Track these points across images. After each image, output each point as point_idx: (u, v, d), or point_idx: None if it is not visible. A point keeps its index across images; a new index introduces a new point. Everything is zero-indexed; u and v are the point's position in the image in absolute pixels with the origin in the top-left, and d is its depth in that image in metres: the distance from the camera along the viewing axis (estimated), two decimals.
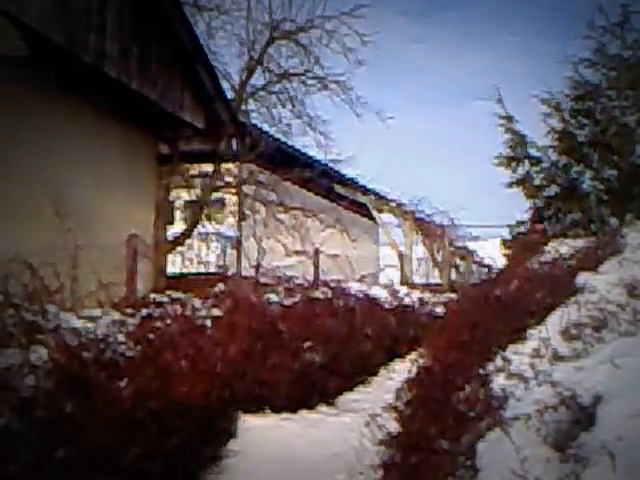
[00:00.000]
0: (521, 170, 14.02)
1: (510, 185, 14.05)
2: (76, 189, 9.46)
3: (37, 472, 4.37)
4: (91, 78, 9.60)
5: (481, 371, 4.68)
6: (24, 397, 4.52)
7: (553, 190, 13.87)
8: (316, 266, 12.83)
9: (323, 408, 7.66)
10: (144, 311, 6.62)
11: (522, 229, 13.80)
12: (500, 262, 12.07)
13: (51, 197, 8.51)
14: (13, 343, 4.86)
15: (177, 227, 15.22)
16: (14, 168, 8.60)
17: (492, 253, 14.32)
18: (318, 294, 9.29)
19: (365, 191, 19.10)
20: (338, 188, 18.66)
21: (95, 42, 9.38)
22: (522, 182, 13.98)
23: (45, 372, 4.72)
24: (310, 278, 11.27)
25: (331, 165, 17.68)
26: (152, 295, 7.78)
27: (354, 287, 10.46)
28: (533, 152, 14.03)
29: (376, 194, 19.22)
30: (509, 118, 14.09)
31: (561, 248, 7.97)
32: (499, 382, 4.53)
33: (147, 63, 10.48)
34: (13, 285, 5.57)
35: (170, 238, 13.54)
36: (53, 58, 8.87)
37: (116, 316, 6.09)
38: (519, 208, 14.23)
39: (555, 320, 5.17)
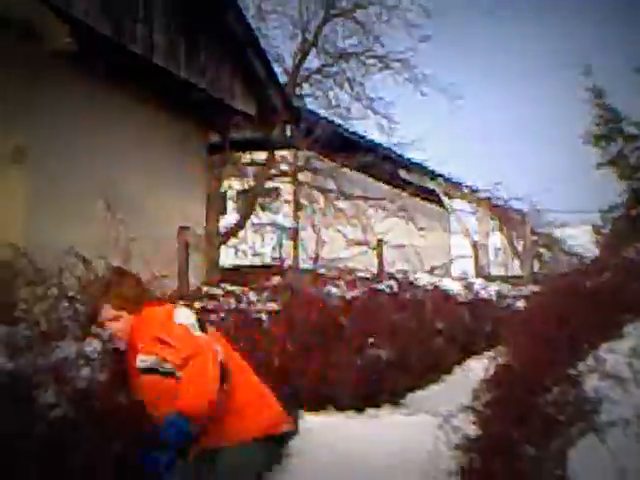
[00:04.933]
0: (614, 148, 13.28)
1: (601, 166, 13.32)
2: (127, 181, 9.46)
3: (94, 461, 4.32)
4: (139, 69, 9.57)
5: (571, 371, 4.27)
6: (80, 389, 4.49)
7: None
8: (380, 257, 12.46)
9: (391, 407, 7.31)
10: (197, 304, 6.49)
11: (616, 214, 13.06)
12: (592, 251, 11.54)
13: (103, 189, 8.54)
14: (68, 335, 4.83)
15: (230, 218, 15.00)
16: (66, 161, 8.70)
17: (583, 241, 13.71)
18: (382, 286, 8.92)
19: (433, 176, 18.48)
20: (403, 173, 18.01)
21: (142, 31, 9.36)
22: (615, 162, 13.22)
23: (100, 364, 4.70)
24: (374, 270, 10.96)
25: (395, 149, 17.10)
26: (205, 288, 7.61)
27: (423, 279, 10.04)
28: (629, 129, 13.27)
29: (446, 179, 18.55)
30: (599, 91, 13.32)
31: None
32: (592, 383, 4.13)
33: (196, 50, 10.37)
34: (67, 277, 5.64)
35: (223, 229, 13.35)
36: (101, 51, 8.84)
37: None
38: (612, 191, 13.52)
39: None
